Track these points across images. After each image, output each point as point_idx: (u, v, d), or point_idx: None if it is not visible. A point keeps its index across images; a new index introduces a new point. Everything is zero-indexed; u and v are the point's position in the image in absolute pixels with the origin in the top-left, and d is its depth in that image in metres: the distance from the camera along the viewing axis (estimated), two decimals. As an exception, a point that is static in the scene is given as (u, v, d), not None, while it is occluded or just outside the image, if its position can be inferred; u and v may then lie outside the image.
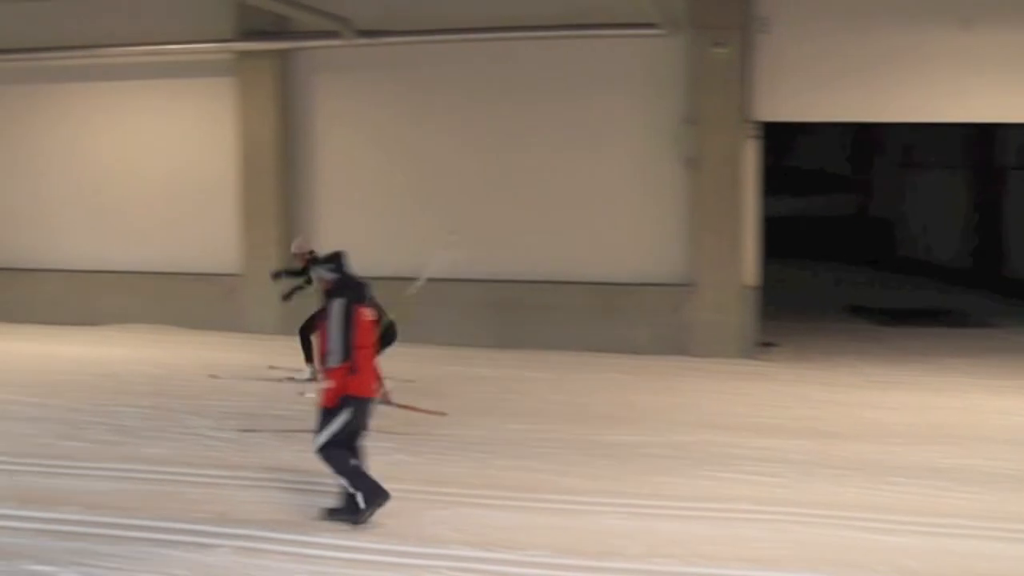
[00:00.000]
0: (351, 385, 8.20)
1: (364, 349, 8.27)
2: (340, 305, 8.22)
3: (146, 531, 8.24)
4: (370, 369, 8.41)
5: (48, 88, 17.87)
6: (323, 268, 8.57)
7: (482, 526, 8.31)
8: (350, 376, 8.17)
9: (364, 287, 8.52)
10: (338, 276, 8.49)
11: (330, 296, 8.37)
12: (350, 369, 8.16)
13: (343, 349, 8.12)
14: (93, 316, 17.19)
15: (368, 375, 8.37)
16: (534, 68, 15.63)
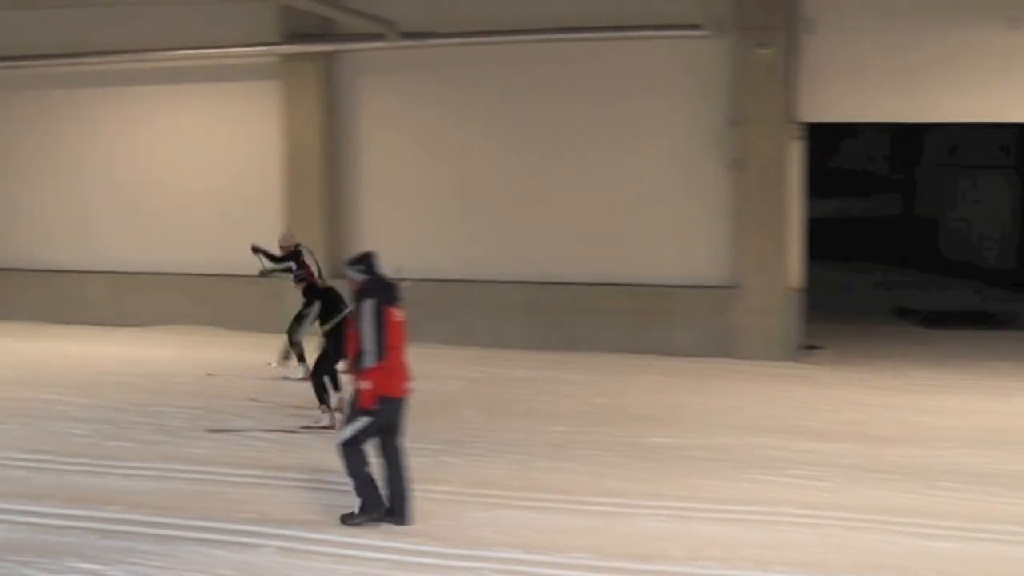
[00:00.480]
0: (381, 385, 8.25)
1: (394, 349, 8.29)
2: (371, 306, 8.24)
3: (190, 530, 8.31)
4: (401, 369, 8.42)
5: (94, 92, 18.00)
6: (353, 269, 8.57)
7: (523, 528, 8.32)
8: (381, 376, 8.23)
9: (394, 288, 8.53)
10: (368, 277, 8.50)
11: (360, 297, 8.38)
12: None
13: (378, 349, 8.16)
14: (137, 318, 17.31)
15: (399, 375, 8.39)
16: (578, 70, 15.58)
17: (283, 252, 13.27)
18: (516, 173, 15.95)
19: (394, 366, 8.31)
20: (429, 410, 11.90)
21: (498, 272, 15.85)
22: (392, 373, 8.30)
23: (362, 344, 8.20)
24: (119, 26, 17.11)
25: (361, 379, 8.25)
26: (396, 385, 8.36)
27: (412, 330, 15.38)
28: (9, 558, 7.86)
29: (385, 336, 8.18)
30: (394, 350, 8.28)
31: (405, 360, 8.49)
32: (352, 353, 8.34)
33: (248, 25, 16.57)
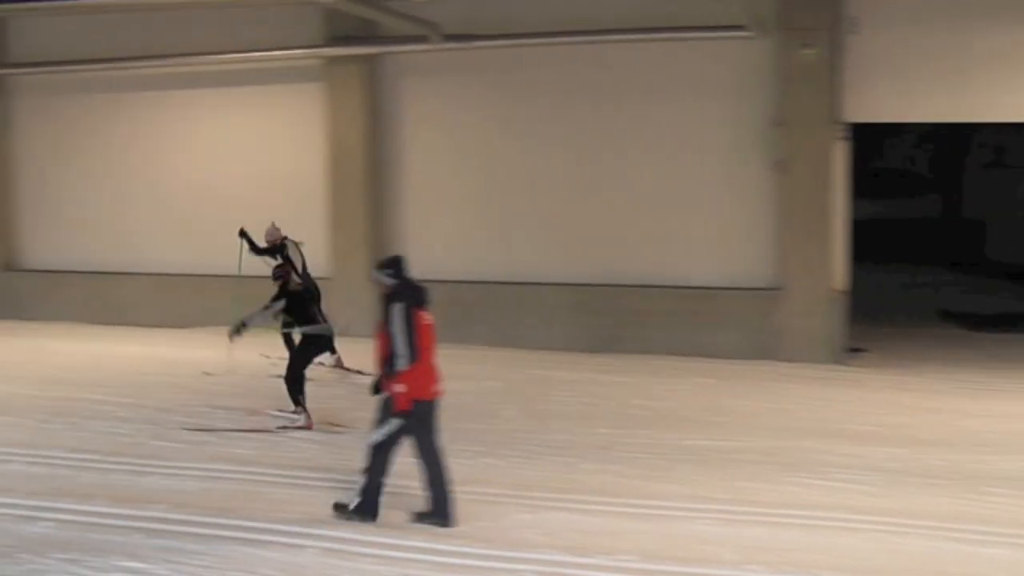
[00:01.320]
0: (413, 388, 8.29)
1: (424, 352, 8.33)
2: (401, 309, 8.27)
3: (234, 530, 8.35)
4: (431, 371, 8.45)
5: (138, 96, 18.15)
6: (382, 273, 8.58)
7: (569, 530, 8.29)
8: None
9: (423, 291, 8.55)
10: (397, 281, 8.51)
11: (390, 300, 8.39)
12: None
13: (410, 352, 8.19)
14: (182, 319, 17.41)
15: (429, 377, 8.43)
16: (621, 71, 15.54)
17: (268, 244, 13.32)
18: (560, 174, 15.91)
19: (424, 369, 8.35)
20: (472, 412, 11.97)
21: (542, 274, 15.82)
22: (422, 376, 8.33)
23: (393, 348, 8.23)
24: (163, 30, 17.23)
25: (394, 383, 8.27)
26: (426, 388, 8.40)
27: (456, 332, 15.62)
28: (56, 555, 7.91)
29: (416, 339, 8.21)
30: (424, 353, 8.31)
31: (435, 363, 8.51)
32: (382, 357, 8.35)
33: (292, 28, 16.62)
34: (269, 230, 13.87)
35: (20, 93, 19.04)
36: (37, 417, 12.08)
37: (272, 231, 13.80)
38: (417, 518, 8.47)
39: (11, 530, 8.50)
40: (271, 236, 13.65)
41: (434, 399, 8.48)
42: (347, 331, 16.44)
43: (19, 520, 8.72)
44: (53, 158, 18.88)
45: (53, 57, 18.18)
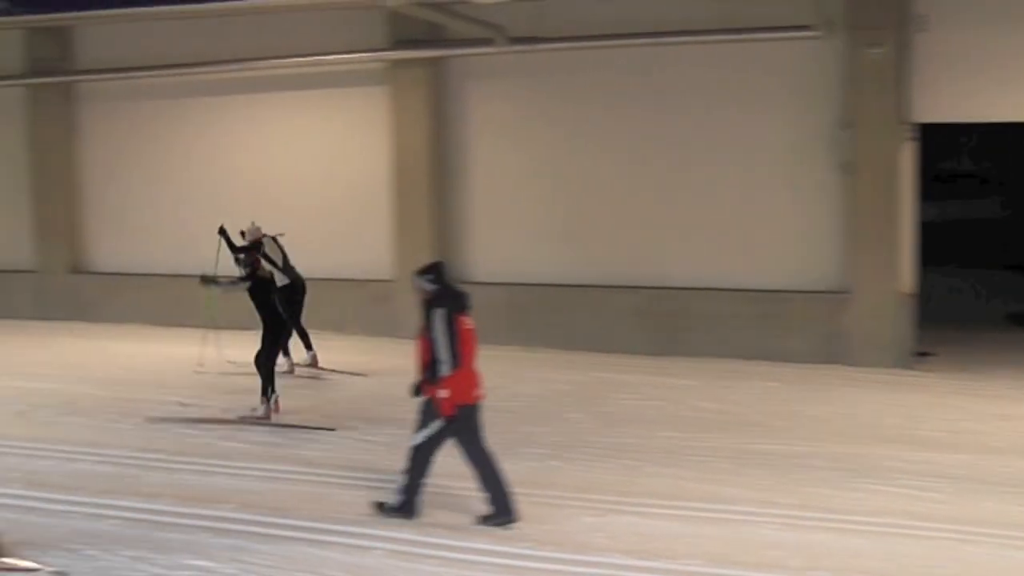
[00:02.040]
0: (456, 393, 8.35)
1: (465, 357, 8.40)
2: (442, 315, 8.33)
3: (300, 531, 8.39)
4: (472, 376, 8.51)
5: (204, 101, 18.31)
6: (423, 279, 8.62)
7: (635, 534, 8.26)
8: None
9: (463, 296, 8.62)
10: (437, 286, 8.55)
11: (430, 306, 8.45)
12: None
13: (452, 357, 8.26)
14: (248, 321, 17.47)
15: (470, 382, 8.49)
16: (685, 74, 15.44)
17: (250, 242, 13.43)
18: (625, 177, 15.83)
19: (465, 373, 8.42)
20: (538, 414, 11.98)
21: (606, 277, 15.75)
22: (464, 380, 8.40)
23: (435, 353, 8.29)
24: (228, 35, 17.34)
25: (437, 388, 8.32)
26: (468, 392, 8.47)
27: (520, 335, 15.59)
28: (123, 553, 8.01)
29: (458, 344, 8.29)
30: (465, 358, 8.39)
31: (476, 368, 8.57)
32: (423, 362, 8.41)
33: (357, 32, 16.67)
34: (251, 229, 13.95)
35: (86, 99, 19.26)
36: (104, 417, 12.24)
37: (253, 230, 13.92)
38: (482, 520, 8.49)
39: (79, 527, 8.61)
40: (253, 235, 13.79)
41: (476, 403, 8.55)
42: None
43: (87, 517, 8.83)
44: (118, 162, 19.09)
45: (118, 64, 18.38)
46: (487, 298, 16.04)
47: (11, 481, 9.82)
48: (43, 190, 19.39)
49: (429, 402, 8.42)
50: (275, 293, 12.64)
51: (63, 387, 13.76)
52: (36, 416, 12.39)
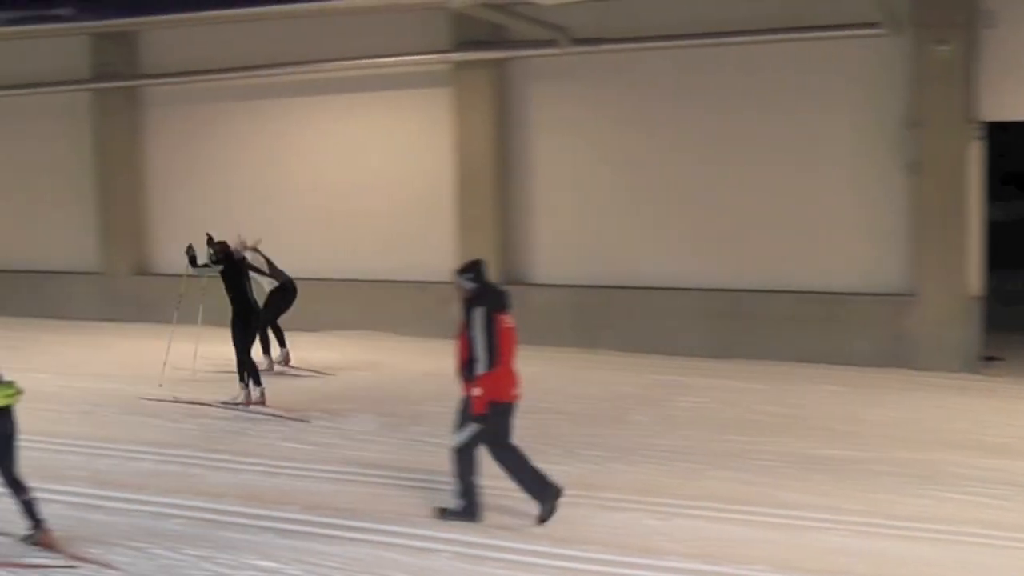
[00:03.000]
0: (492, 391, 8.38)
1: (504, 356, 8.44)
2: (481, 313, 8.36)
3: (364, 532, 8.39)
4: (509, 374, 8.53)
5: (269, 104, 18.40)
6: (462, 278, 8.63)
7: (699, 538, 8.19)
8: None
9: (503, 295, 8.65)
10: (477, 285, 8.57)
11: (470, 305, 8.47)
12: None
13: (489, 357, 8.30)
14: (311, 323, 17.56)
15: (507, 380, 8.51)
16: (749, 73, 15.31)
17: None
18: (687, 178, 15.73)
19: (504, 372, 8.45)
20: (602, 416, 11.96)
21: (669, 279, 15.65)
22: (502, 379, 8.43)
23: (473, 352, 8.32)
24: (291, 38, 17.45)
25: (472, 386, 8.35)
26: (505, 390, 8.50)
27: (584, 337, 15.54)
28: (188, 552, 8.05)
29: (496, 343, 8.32)
30: (504, 356, 8.43)
31: (514, 366, 8.60)
32: (461, 361, 8.44)
33: (420, 33, 16.71)
34: (241, 240, 14.08)
35: (151, 103, 19.45)
36: (169, 417, 12.32)
37: (243, 241, 14.11)
38: (538, 521, 8.51)
39: (145, 526, 8.66)
40: (242, 246, 13.98)
41: (512, 402, 8.57)
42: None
43: (152, 516, 8.89)
44: (182, 165, 19.26)
45: (183, 67, 18.54)
46: (550, 300, 16.16)
47: (76, 479, 9.92)
48: (108, 193, 19.61)
49: (466, 402, 8.45)
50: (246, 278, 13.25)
51: (127, 387, 13.89)
52: (100, 416, 12.51)
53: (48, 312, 19.49)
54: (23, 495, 8.12)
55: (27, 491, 8.13)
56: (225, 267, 13.04)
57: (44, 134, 20.35)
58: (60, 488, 9.60)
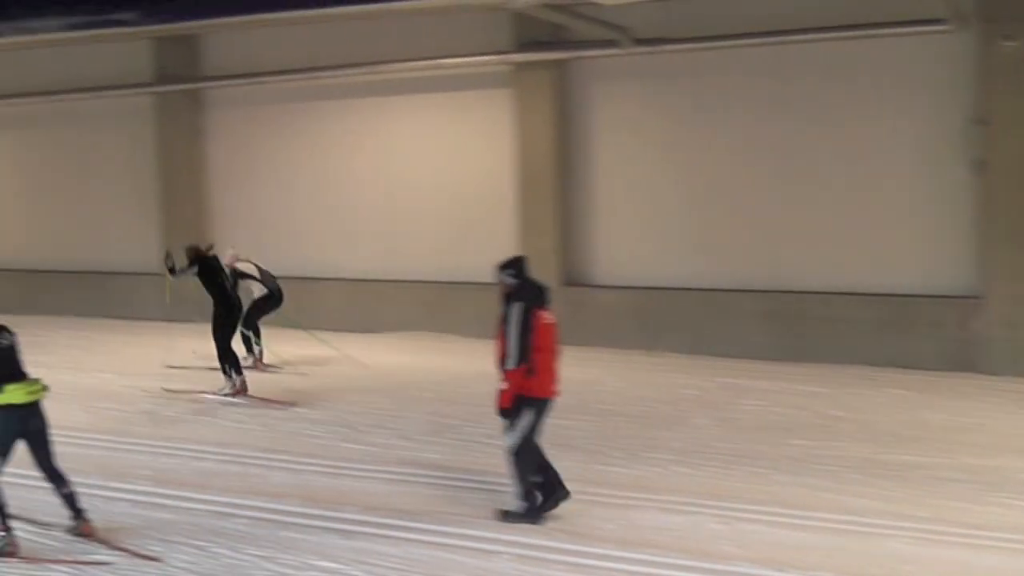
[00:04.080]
0: (530, 387, 8.39)
1: (543, 352, 8.44)
2: (519, 309, 8.41)
3: (426, 534, 8.38)
4: (549, 371, 8.52)
5: (332, 105, 18.45)
6: (504, 273, 8.70)
7: (764, 543, 8.10)
8: (530, 378, 8.37)
9: (543, 291, 8.67)
10: (518, 281, 8.63)
11: (509, 300, 8.53)
12: (528, 371, 8.34)
13: (520, 352, 8.31)
14: (374, 324, 17.63)
15: (547, 376, 8.50)
16: (812, 72, 15.12)
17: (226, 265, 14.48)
18: (749, 179, 15.57)
19: (543, 368, 8.45)
20: (664, 419, 11.88)
21: (732, 280, 15.52)
22: (540, 375, 8.43)
23: (506, 346, 8.38)
24: (352, 39, 17.48)
25: (503, 379, 8.40)
26: (545, 386, 8.50)
27: (646, 339, 15.44)
28: (250, 552, 8.09)
29: (530, 339, 8.33)
30: (542, 352, 8.43)
31: (555, 362, 8.59)
32: (500, 356, 8.48)
33: (481, 34, 16.68)
34: (232, 255, 14.95)
35: (213, 105, 19.60)
36: (231, 417, 12.41)
37: (231, 256, 14.88)
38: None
39: (207, 525, 8.72)
40: (231, 260, 14.81)
41: (550, 399, 8.56)
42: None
43: (215, 516, 8.94)
44: (244, 166, 19.37)
45: (244, 69, 18.65)
46: (610, 301, 16.10)
47: (140, 478, 10.01)
48: (170, 194, 19.77)
49: (517, 401, 8.45)
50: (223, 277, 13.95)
51: (189, 387, 13.97)
52: (163, 415, 12.60)
53: (112, 312, 19.69)
54: (64, 487, 8.35)
55: (67, 483, 8.37)
56: (200, 269, 13.75)
57: (108, 137, 20.59)
58: (124, 486, 9.76)
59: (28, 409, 8.08)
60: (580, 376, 13.94)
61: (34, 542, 8.33)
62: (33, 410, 8.12)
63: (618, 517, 8.63)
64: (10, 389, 8.00)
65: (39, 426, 8.19)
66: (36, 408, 8.15)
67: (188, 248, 14.11)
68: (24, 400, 8.03)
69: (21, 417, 8.05)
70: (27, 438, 8.14)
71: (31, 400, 8.09)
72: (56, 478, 8.33)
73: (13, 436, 8.07)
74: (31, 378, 8.19)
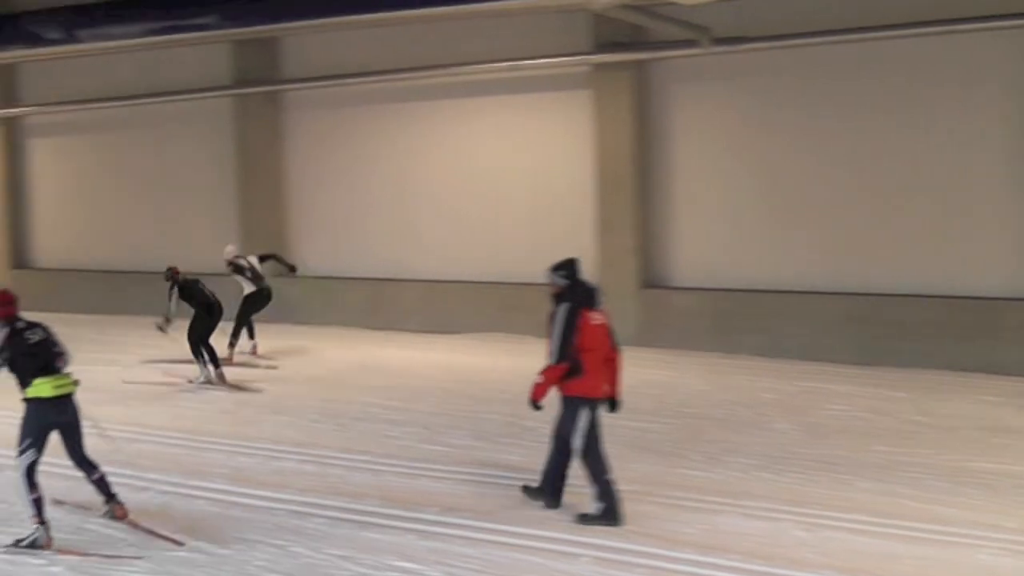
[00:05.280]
0: (579, 386, 8.55)
1: (592, 352, 8.56)
2: (565, 309, 8.58)
3: (505, 536, 8.33)
4: (598, 371, 8.62)
5: (411, 106, 18.48)
6: (555, 275, 8.87)
7: (847, 551, 7.94)
8: (578, 378, 8.53)
9: (593, 291, 8.79)
10: (569, 282, 8.77)
11: (558, 300, 8.70)
12: (575, 370, 8.49)
13: (560, 350, 8.49)
14: (451, 325, 17.61)
15: (596, 377, 8.61)
16: (895, 68, 14.83)
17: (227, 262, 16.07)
18: (831, 179, 15.31)
19: (591, 368, 8.57)
20: (744, 424, 11.74)
21: (813, 283, 15.29)
22: (589, 375, 8.55)
23: (550, 344, 8.58)
24: (431, 41, 17.51)
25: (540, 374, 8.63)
26: (591, 386, 8.61)
27: (724, 341, 15.29)
28: (329, 552, 8.08)
29: (572, 338, 8.48)
30: (591, 352, 8.56)
31: (604, 361, 8.68)
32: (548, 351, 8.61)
33: (560, 36, 16.61)
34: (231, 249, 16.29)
35: (292, 107, 19.70)
36: (309, 417, 12.42)
37: (230, 252, 16.20)
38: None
39: (286, 524, 8.72)
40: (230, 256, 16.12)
41: (598, 399, 8.68)
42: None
43: (293, 515, 8.94)
44: (323, 168, 19.45)
45: (323, 72, 18.75)
46: (689, 303, 15.97)
47: (217, 476, 10.06)
48: (250, 196, 19.90)
49: (568, 403, 8.62)
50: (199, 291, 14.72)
51: (267, 387, 14.06)
52: (241, 414, 12.68)
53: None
54: (94, 474, 8.59)
55: (97, 469, 8.61)
56: (180, 290, 14.53)
57: (187, 140, 20.81)
58: (202, 484, 9.82)
59: (58, 402, 8.29)
60: (659, 378, 13.90)
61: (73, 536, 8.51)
62: (63, 403, 8.33)
63: (699, 522, 8.52)
64: (39, 383, 8.19)
65: (70, 419, 8.39)
66: (66, 401, 8.36)
67: (166, 271, 14.76)
68: (51, 394, 8.24)
69: (51, 410, 8.26)
70: (59, 429, 8.37)
71: (59, 394, 8.28)
72: (86, 465, 8.57)
73: (43, 428, 8.27)
74: (62, 373, 8.37)
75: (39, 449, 8.23)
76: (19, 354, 8.23)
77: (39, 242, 23.15)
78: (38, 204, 23.14)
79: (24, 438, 8.21)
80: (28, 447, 8.18)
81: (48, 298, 15.86)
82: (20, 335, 8.29)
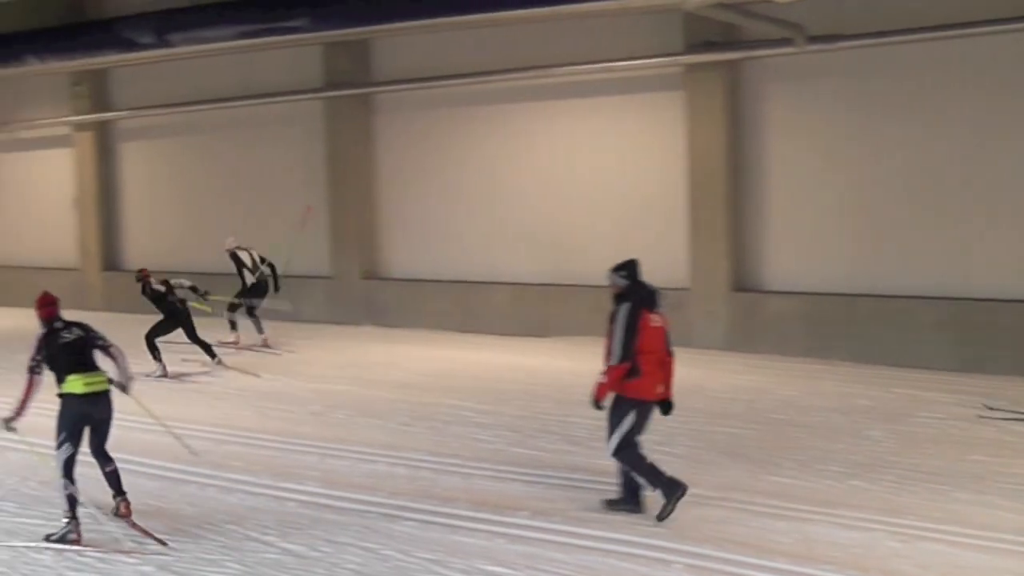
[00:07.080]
0: (634, 387, 8.64)
1: (649, 354, 8.64)
2: (626, 309, 8.66)
3: (596, 540, 8.29)
4: (654, 373, 8.69)
5: (496, 108, 18.50)
6: (616, 275, 8.96)
7: (947, 564, 7.76)
8: (635, 379, 8.60)
9: (654, 293, 8.89)
10: (629, 283, 8.86)
11: (619, 301, 8.78)
12: (632, 371, 8.57)
13: (622, 351, 8.55)
14: (540, 328, 17.58)
15: (651, 379, 8.68)
16: (997, 66, 14.44)
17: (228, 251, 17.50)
18: (931, 180, 14.97)
19: (647, 370, 8.64)
20: (835, 430, 11.56)
21: (909, 287, 14.98)
22: (644, 377, 8.62)
23: (610, 344, 8.64)
24: (520, 43, 17.48)
25: (602, 374, 8.68)
26: (646, 388, 8.68)
27: (818, 347, 15.07)
28: (419, 555, 8.08)
29: (634, 339, 8.55)
30: (648, 354, 8.63)
31: (660, 364, 8.75)
32: (607, 353, 8.69)
33: (650, 36, 16.50)
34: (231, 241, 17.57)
35: (382, 110, 19.81)
36: (398, 420, 12.46)
37: (231, 244, 17.51)
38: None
39: (377, 527, 8.74)
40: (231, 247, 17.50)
41: (652, 400, 8.77)
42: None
43: (384, 518, 8.96)
44: (412, 171, 19.53)
45: (413, 74, 18.82)
46: (784, 308, 15.76)
47: (307, 479, 10.12)
48: (340, 198, 20.04)
49: (619, 401, 8.70)
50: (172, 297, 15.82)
51: (357, 389, 14.14)
52: (331, 417, 12.74)
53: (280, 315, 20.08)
54: (108, 466, 8.88)
55: (112, 462, 8.89)
56: (153, 297, 15.65)
57: (278, 142, 21.01)
58: (293, 487, 9.88)
59: (90, 399, 8.58)
60: (749, 383, 13.75)
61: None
62: (95, 400, 8.64)
63: (793, 531, 8.38)
64: (71, 379, 8.52)
65: (102, 415, 8.72)
66: (99, 398, 8.66)
67: (136, 273, 15.91)
68: (83, 391, 8.54)
69: (83, 405, 8.56)
70: (90, 425, 8.66)
71: (90, 391, 8.57)
72: (102, 457, 8.84)
73: (76, 422, 8.56)
74: (95, 371, 8.70)
75: (75, 444, 8.56)
76: (53, 352, 8.61)
77: (130, 244, 23.54)
78: (130, 207, 23.54)
79: (60, 432, 8.54)
80: (64, 441, 8.52)
81: (139, 299, 16.05)
82: (56, 335, 8.68)
